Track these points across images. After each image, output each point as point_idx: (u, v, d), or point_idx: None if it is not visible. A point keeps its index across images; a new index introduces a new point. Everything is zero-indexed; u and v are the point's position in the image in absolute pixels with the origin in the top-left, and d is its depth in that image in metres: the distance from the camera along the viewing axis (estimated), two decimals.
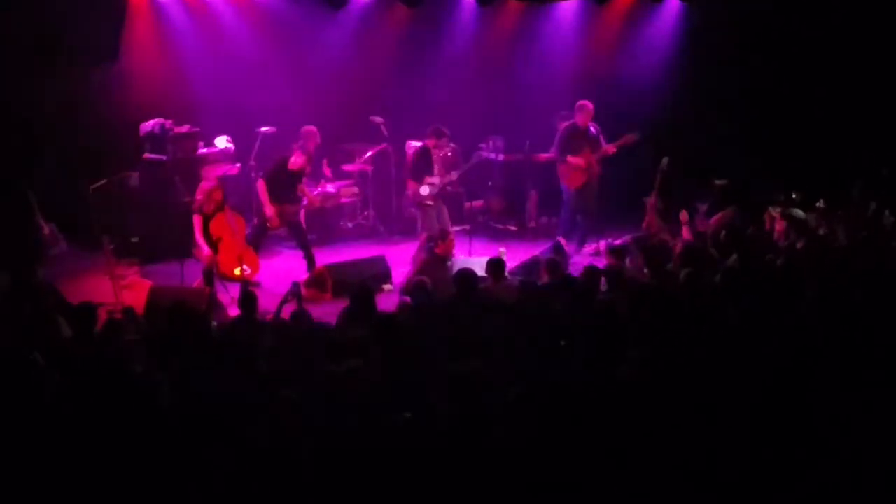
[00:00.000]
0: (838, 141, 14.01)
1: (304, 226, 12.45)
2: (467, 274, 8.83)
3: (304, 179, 12.24)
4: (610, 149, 12.89)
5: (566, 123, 12.98)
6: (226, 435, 5.75)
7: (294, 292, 9.12)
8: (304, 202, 12.47)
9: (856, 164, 12.66)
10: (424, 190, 12.46)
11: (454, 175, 12.89)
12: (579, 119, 12.87)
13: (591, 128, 12.95)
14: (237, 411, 5.94)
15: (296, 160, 11.72)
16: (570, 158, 12.83)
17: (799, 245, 10.01)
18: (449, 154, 13.30)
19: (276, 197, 11.71)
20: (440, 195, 12.66)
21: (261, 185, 11.81)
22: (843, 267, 8.71)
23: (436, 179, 12.53)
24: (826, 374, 6.38)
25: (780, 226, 11.00)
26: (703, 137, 14.42)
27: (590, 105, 12.85)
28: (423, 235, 11.90)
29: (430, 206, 12.48)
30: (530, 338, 7.32)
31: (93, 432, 5.75)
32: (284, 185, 11.80)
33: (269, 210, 11.65)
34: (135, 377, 6.42)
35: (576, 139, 12.89)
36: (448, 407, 5.82)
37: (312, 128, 12.25)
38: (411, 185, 12.66)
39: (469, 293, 8.58)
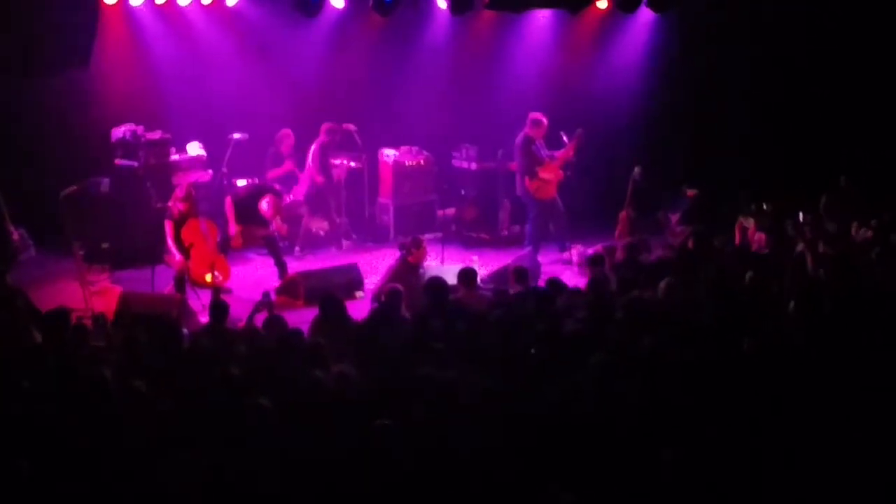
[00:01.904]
0: (811, 152, 14.09)
1: (275, 236, 12.36)
2: (438, 283, 8.81)
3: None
4: (569, 153, 12.92)
5: (520, 138, 12.96)
6: (198, 441, 5.72)
7: (265, 302, 9.10)
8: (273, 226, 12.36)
9: (827, 173, 12.72)
10: None
11: None
12: (536, 132, 12.89)
13: (565, 137, 12.97)
14: (209, 418, 5.92)
15: (267, 211, 11.80)
16: (541, 173, 12.82)
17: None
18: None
19: (242, 219, 11.79)
20: None
21: (228, 203, 11.87)
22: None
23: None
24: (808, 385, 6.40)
25: (758, 237, 11.03)
26: (675, 147, 14.50)
27: (545, 120, 12.90)
28: None
29: None
30: (502, 346, 7.33)
31: (61, 437, 5.72)
32: (251, 210, 11.87)
33: (233, 229, 11.73)
34: (105, 383, 6.38)
35: (537, 152, 12.88)
36: (425, 414, 5.82)
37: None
38: None
39: (440, 302, 8.56)
